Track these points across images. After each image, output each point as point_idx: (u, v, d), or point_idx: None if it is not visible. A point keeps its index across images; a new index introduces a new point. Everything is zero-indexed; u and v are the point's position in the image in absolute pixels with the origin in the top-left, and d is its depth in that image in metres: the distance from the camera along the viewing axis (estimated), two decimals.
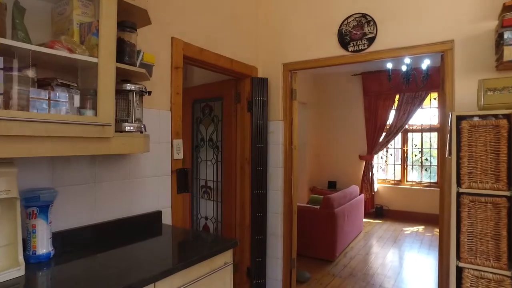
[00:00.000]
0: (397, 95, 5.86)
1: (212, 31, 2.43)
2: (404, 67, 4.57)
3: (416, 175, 6.09)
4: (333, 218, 3.82)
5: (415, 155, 6.09)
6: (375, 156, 6.16)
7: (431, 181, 5.85)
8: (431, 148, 5.90)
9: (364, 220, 5.43)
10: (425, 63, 4.37)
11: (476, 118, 1.63)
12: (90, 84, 1.36)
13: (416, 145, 6.07)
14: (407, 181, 6.12)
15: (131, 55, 1.51)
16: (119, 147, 1.40)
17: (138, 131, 1.55)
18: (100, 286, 1.10)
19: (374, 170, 6.12)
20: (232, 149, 2.96)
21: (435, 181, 5.80)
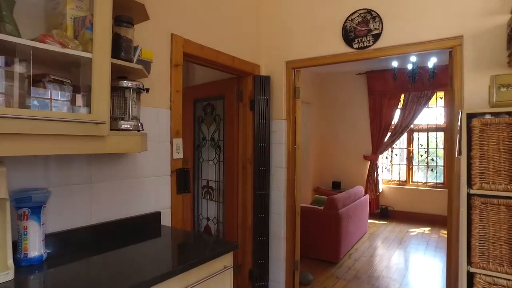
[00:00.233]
0: (403, 95, 5.77)
1: (213, 27, 2.38)
2: (410, 66, 4.49)
3: (421, 176, 5.99)
4: (337, 219, 3.75)
5: (421, 155, 5.99)
6: (380, 156, 6.08)
7: (437, 181, 5.76)
8: (437, 148, 5.81)
9: (369, 221, 5.35)
10: (432, 61, 4.28)
11: (488, 116, 1.55)
12: (85, 80, 1.31)
13: (422, 145, 5.97)
14: (412, 181, 6.03)
15: (128, 51, 1.46)
16: (115, 146, 1.34)
17: (135, 129, 1.50)
18: None
19: (379, 170, 6.03)
20: (234, 148, 2.90)
21: (441, 182, 5.71)
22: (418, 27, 2.20)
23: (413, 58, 4.37)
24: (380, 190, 6.06)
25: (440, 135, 5.74)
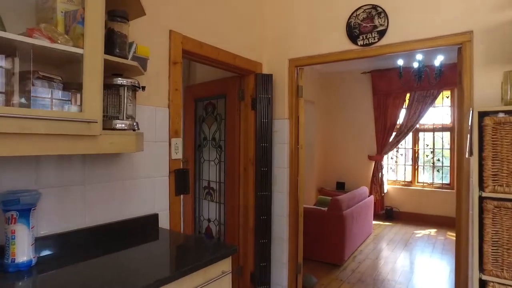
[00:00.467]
0: (408, 94, 5.67)
1: (213, 24, 2.31)
2: (415, 64, 4.39)
3: (427, 176, 5.89)
4: (342, 221, 3.68)
5: (427, 156, 5.89)
6: (385, 157, 5.98)
7: (444, 182, 5.65)
8: (443, 148, 5.70)
9: (374, 222, 5.25)
10: (438, 59, 4.19)
11: (502, 114, 1.47)
12: (76, 78, 1.25)
13: (427, 145, 5.87)
14: (418, 182, 5.93)
15: (122, 47, 1.40)
16: (108, 146, 1.28)
17: (130, 128, 1.44)
18: None
19: (384, 170, 5.94)
20: (236, 148, 2.84)
21: (448, 182, 5.60)
22: (425, 22, 2.12)
23: (419, 56, 4.27)
24: (385, 191, 5.96)
25: (446, 135, 5.63)
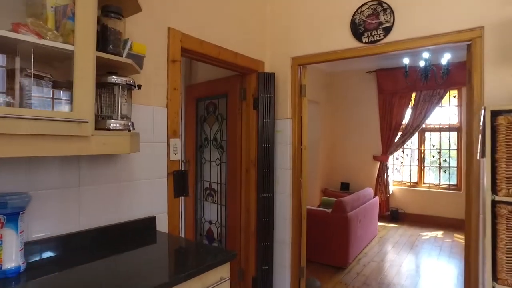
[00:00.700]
0: (414, 93, 5.57)
1: (214, 21, 2.25)
2: (422, 63, 4.29)
3: (433, 177, 5.78)
4: (346, 223, 3.60)
5: (433, 156, 5.78)
6: (390, 157, 5.88)
7: (450, 183, 5.54)
8: (450, 149, 5.59)
9: (379, 224, 5.15)
10: (445, 58, 4.09)
11: None
12: (68, 76, 1.20)
13: (434, 146, 5.76)
14: (424, 183, 5.82)
15: (116, 43, 1.34)
16: (100, 147, 1.23)
17: (125, 129, 1.39)
18: None
19: (389, 171, 5.84)
20: (237, 149, 2.78)
21: (455, 184, 5.49)
22: (433, 18, 2.04)
23: (426, 55, 4.17)
24: (390, 192, 5.86)
25: (453, 135, 5.52)
